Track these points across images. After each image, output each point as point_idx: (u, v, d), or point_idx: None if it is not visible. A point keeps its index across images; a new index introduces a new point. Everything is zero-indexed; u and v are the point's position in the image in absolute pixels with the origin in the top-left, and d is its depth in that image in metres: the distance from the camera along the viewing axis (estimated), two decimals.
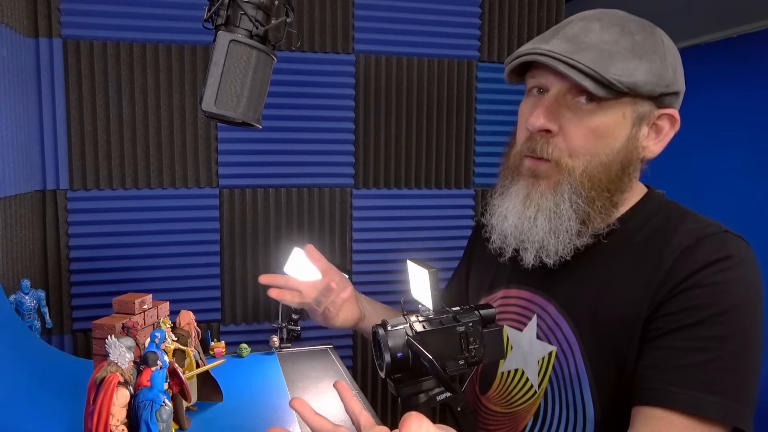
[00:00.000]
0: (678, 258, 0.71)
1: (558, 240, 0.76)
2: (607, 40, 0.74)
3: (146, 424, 0.87)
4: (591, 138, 0.75)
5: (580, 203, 0.75)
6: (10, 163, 1.35)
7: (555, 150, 0.76)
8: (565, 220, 0.76)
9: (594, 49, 0.73)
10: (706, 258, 0.70)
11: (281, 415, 1.11)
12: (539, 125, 0.75)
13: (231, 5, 0.88)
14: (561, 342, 0.81)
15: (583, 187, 0.75)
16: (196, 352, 1.16)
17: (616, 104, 0.74)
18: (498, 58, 1.90)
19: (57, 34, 1.54)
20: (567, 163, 0.75)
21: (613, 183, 0.76)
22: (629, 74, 0.72)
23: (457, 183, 1.89)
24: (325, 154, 1.78)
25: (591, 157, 0.75)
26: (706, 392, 0.65)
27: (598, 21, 0.77)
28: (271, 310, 1.77)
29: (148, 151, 1.63)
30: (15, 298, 1.23)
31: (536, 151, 0.77)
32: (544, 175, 0.77)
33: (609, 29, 0.75)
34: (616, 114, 0.75)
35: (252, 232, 1.74)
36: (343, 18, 1.75)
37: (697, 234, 0.72)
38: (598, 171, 0.75)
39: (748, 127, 2.22)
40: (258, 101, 0.93)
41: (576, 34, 0.75)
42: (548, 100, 0.76)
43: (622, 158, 0.76)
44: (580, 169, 0.75)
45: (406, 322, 0.76)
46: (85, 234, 1.61)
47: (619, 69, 0.72)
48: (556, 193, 0.76)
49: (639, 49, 0.74)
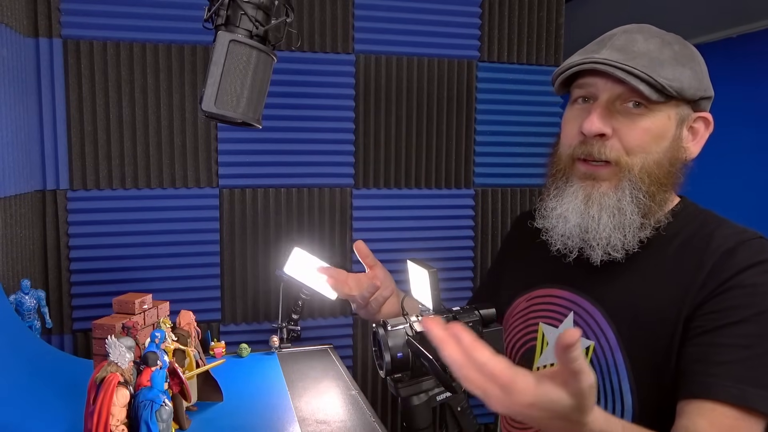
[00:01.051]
0: (718, 260, 0.77)
1: (624, 234, 0.81)
2: (652, 49, 0.80)
3: (146, 424, 0.87)
4: (645, 137, 0.80)
5: (641, 197, 0.80)
6: (10, 163, 1.35)
7: (612, 151, 0.81)
8: (627, 215, 0.80)
9: (645, 56, 0.79)
10: (746, 261, 0.75)
11: (281, 415, 1.11)
12: (596, 129, 0.80)
13: (231, 5, 0.88)
14: (599, 337, 0.84)
15: (642, 183, 0.80)
16: (196, 352, 1.16)
17: (663, 107, 0.80)
18: (498, 58, 1.90)
19: (57, 34, 1.54)
20: (626, 161, 0.81)
21: (666, 178, 0.82)
22: (677, 79, 0.79)
23: (457, 183, 1.89)
24: (325, 154, 1.78)
25: (646, 155, 0.81)
26: (753, 386, 0.70)
27: (640, 33, 0.83)
28: (271, 310, 1.77)
29: (148, 151, 1.63)
30: (15, 298, 1.23)
31: (593, 154, 0.81)
32: (604, 178, 0.82)
33: (651, 40, 0.82)
34: (663, 116, 0.81)
35: (252, 232, 1.74)
36: (343, 18, 1.75)
37: (736, 239, 0.78)
38: (654, 167, 0.81)
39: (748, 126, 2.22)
40: (258, 101, 0.93)
41: (624, 45, 0.81)
42: (600, 106, 0.81)
43: (670, 157, 0.82)
44: (638, 166, 0.80)
45: (406, 322, 0.76)
46: (85, 234, 1.61)
47: (668, 74, 0.78)
48: (618, 191, 0.81)
49: (680, 57, 0.81)
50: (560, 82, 0.87)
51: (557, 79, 0.87)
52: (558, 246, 0.86)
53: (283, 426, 1.07)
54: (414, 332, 0.74)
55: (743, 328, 0.72)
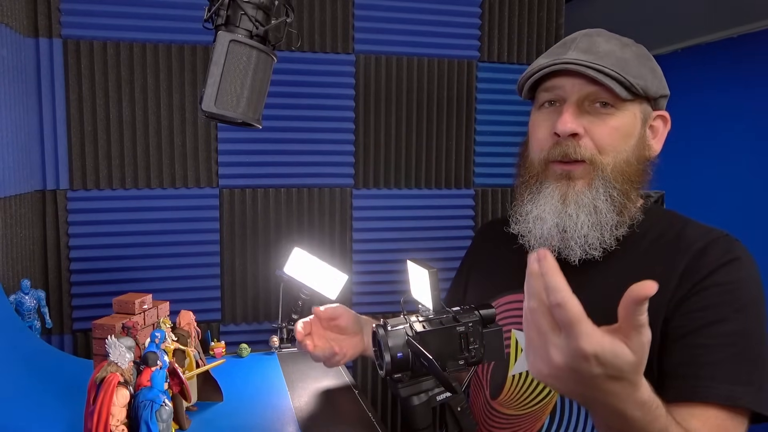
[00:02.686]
0: (691, 260, 0.78)
1: (602, 233, 0.82)
2: (615, 49, 0.82)
3: (146, 424, 0.87)
4: (615, 136, 0.82)
5: (615, 195, 0.81)
6: (10, 163, 1.35)
7: (586, 150, 0.82)
8: (604, 213, 0.81)
9: (611, 56, 0.80)
10: (719, 260, 0.76)
11: (281, 415, 1.11)
12: (569, 129, 0.81)
13: (231, 5, 0.88)
14: None
15: (616, 181, 0.82)
16: (196, 352, 1.16)
17: (629, 106, 0.82)
18: (498, 58, 1.90)
19: (57, 34, 1.54)
20: (600, 160, 0.82)
21: (636, 176, 0.84)
22: (642, 78, 0.80)
23: (457, 183, 1.89)
24: (325, 154, 1.78)
25: (617, 154, 0.82)
26: (739, 384, 0.71)
27: (599, 36, 0.84)
28: (271, 310, 1.77)
29: (148, 151, 1.63)
30: (15, 298, 1.23)
31: (569, 154, 0.82)
32: (579, 176, 0.83)
33: (611, 41, 0.83)
34: (630, 115, 0.82)
35: (252, 232, 1.74)
36: (343, 18, 1.75)
37: (705, 238, 0.79)
38: (625, 165, 0.82)
39: (748, 126, 2.22)
40: (258, 101, 0.93)
41: (588, 47, 0.82)
42: (571, 106, 0.82)
43: (638, 155, 0.84)
44: (611, 164, 0.82)
45: (406, 322, 0.76)
46: (85, 234, 1.61)
47: (634, 73, 0.80)
48: (592, 189, 0.82)
49: (640, 57, 0.83)
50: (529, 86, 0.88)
51: (526, 83, 0.88)
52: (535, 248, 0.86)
53: (283, 426, 1.07)
54: (414, 332, 0.74)
55: (725, 326, 0.73)
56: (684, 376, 0.73)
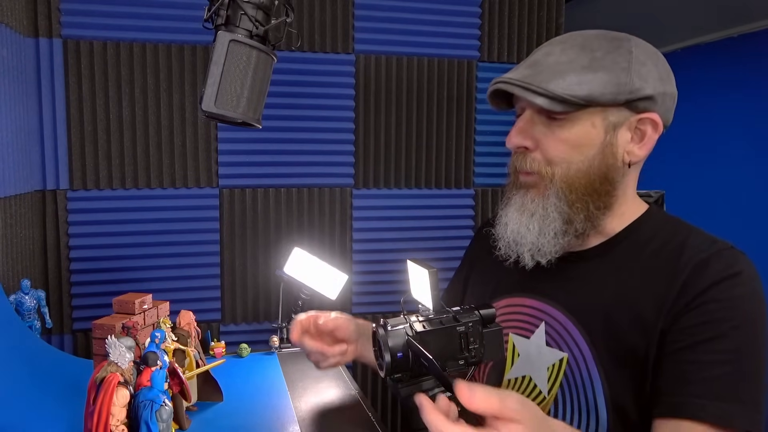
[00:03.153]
0: (692, 272, 0.76)
1: (546, 239, 0.83)
2: (563, 60, 0.81)
3: (146, 424, 0.87)
4: (564, 148, 0.82)
5: (561, 206, 0.82)
6: (10, 163, 1.35)
7: (533, 162, 0.84)
8: (550, 221, 0.83)
9: (548, 69, 0.80)
10: (720, 273, 0.75)
11: (281, 415, 1.11)
12: (512, 144, 0.85)
13: (231, 5, 0.88)
14: (572, 348, 0.83)
15: (563, 192, 0.82)
16: (196, 352, 1.16)
17: (582, 115, 0.80)
18: (498, 58, 1.90)
19: (57, 34, 1.54)
20: (546, 171, 0.83)
21: (592, 187, 0.82)
22: (582, 87, 0.78)
23: (457, 183, 1.89)
24: (325, 154, 1.78)
25: (567, 165, 0.82)
26: (731, 402, 0.70)
27: (561, 44, 0.84)
28: (271, 310, 1.77)
29: (148, 151, 1.63)
30: (15, 298, 1.23)
31: (519, 166, 0.86)
32: (532, 185, 0.85)
33: (568, 51, 0.82)
34: (584, 124, 0.81)
35: (252, 232, 1.74)
36: (343, 18, 1.75)
37: (709, 250, 0.78)
38: (577, 177, 0.82)
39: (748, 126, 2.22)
40: (258, 101, 0.93)
41: (538, 59, 0.83)
42: (522, 121, 0.85)
43: (599, 164, 0.82)
44: (558, 175, 0.82)
45: (406, 322, 0.76)
46: (85, 234, 1.61)
47: (570, 84, 0.78)
48: (544, 199, 0.84)
49: (596, 63, 0.79)
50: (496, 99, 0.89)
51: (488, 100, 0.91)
52: (502, 252, 0.89)
53: (283, 426, 1.07)
54: (414, 332, 0.74)
55: (720, 343, 0.72)
56: (675, 393, 0.72)
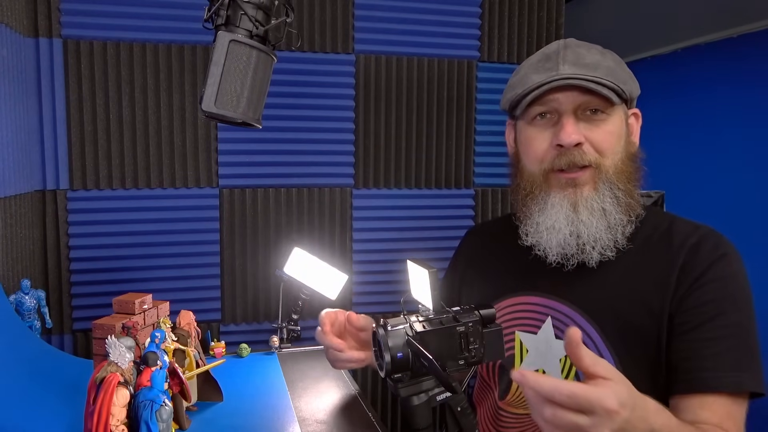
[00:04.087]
0: (687, 257, 0.83)
1: (614, 234, 0.86)
2: (599, 59, 0.86)
3: (146, 424, 0.87)
4: (611, 139, 0.86)
5: (621, 196, 0.86)
6: (10, 163, 1.35)
7: (591, 155, 0.86)
8: (613, 214, 0.85)
9: (600, 66, 0.85)
10: (712, 255, 0.82)
11: (281, 415, 1.11)
12: (575, 139, 0.85)
13: (231, 5, 0.88)
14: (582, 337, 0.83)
15: (619, 181, 0.86)
16: (196, 352, 1.16)
17: (616, 110, 0.87)
18: (498, 58, 1.90)
19: (57, 34, 1.54)
20: (602, 163, 0.86)
21: (635, 173, 0.89)
22: (626, 83, 0.86)
23: (457, 183, 1.89)
24: (325, 154, 1.78)
25: (614, 155, 0.87)
26: (741, 371, 0.77)
27: (579, 47, 0.89)
28: (271, 310, 1.77)
29: (148, 151, 1.63)
30: (15, 298, 1.23)
31: (575, 162, 0.86)
32: (584, 182, 0.87)
33: (592, 51, 0.88)
34: (618, 118, 0.88)
35: (252, 232, 1.74)
36: (343, 18, 1.75)
37: (695, 233, 0.85)
38: (623, 166, 0.87)
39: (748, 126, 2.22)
40: (258, 101, 0.93)
41: (576, 59, 0.87)
42: (569, 118, 0.86)
43: (629, 153, 0.89)
44: (612, 166, 0.86)
45: (406, 322, 0.76)
46: (85, 234, 1.61)
47: (622, 79, 0.85)
48: (598, 193, 0.86)
49: (618, 63, 0.88)
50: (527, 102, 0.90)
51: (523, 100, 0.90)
52: (554, 257, 0.89)
53: (283, 426, 1.07)
54: (414, 332, 0.74)
55: (723, 319, 0.79)
56: (691, 369, 0.78)
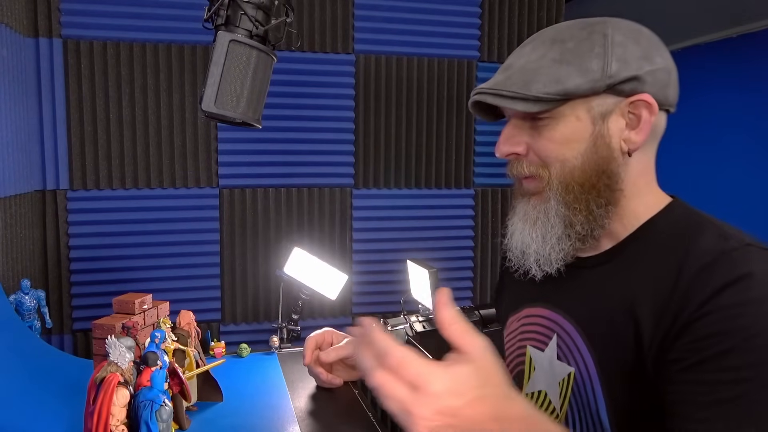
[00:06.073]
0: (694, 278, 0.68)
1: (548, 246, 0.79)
2: (533, 59, 0.78)
3: (146, 424, 0.87)
4: (554, 147, 0.78)
5: (560, 208, 0.78)
6: (10, 163, 1.35)
7: (530, 166, 0.80)
8: (551, 226, 0.79)
9: (519, 71, 0.78)
10: (725, 278, 0.66)
11: (281, 415, 1.11)
12: (503, 151, 0.81)
13: (231, 5, 0.88)
14: (579, 363, 0.80)
15: (560, 193, 0.78)
16: (196, 352, 1.16)
17: (565, 110, 0.76)
18: (498, 58, 1.90)
19: (57, 34, 1.54)
20: (543, 173, 0.79)
21: (590, 183, 0.77)
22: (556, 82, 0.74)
23: (457, 183, 1.89)
24: (325, 154, 1.78)
25: (561, 164, 0.78)
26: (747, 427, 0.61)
27: (531, 42, 0.81)
28: (271, 310, 1.77)
29: (148, 151, 1.63)
30: (15, 298, 1.23)
31: (519, 173, 0.81)
32: (532, 192, 0.81)
33: (539, 48, 0.79)
34: (569, 119, 0.76)
35: (252, 232, 1.74)
36: (343, 18, 1.75)
37: (715, 250, 0.69)
38: (572, 175, 0.78)
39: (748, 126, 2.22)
40: (258, 101, 0.93)
41: (509, 63, 0.81)
42: (508, 128, 0.82)
43: (594, 158, 0.77)
44: (555, 176, 0.78)
45: (406, 322, 0.76)
46: (85, 234, 1.61)
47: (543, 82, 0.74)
48: (545, 203, 0.80)
49: (568, 54, 0.76)
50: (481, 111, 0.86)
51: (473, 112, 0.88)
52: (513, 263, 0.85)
53: (283, 426, 1.07)
54: (414, 332, 0.75)
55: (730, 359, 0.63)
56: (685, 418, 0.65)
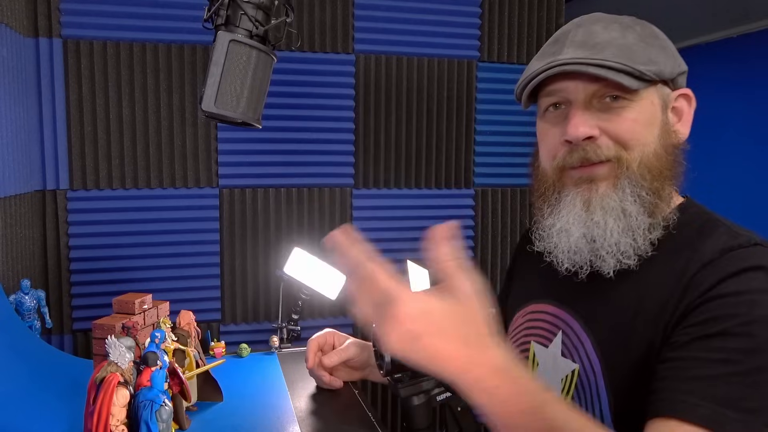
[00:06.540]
0: (699, 272, 0.67)
1: (634, 238, 0.73)
2: (616, 36, 0.73)
3: (146, 424, 0.87)
4: (636, 129, 0.73)
5: (644, 195, 0.73)
6: (10, 163, 1.35)
7: (609, 149, 0.73)
8: (634, 216, 0.72)
9: (611, 45, 0.71)
10: (730, 268, 0.65)
11: (281, 415, 1.11)
12: (581, 133, 0.73)
13: (231, 5, 0.88)
14: (583, 360, 0.78)
15: (644, 179, 0.73)
16: (196, 352, 1.16)
17: (643, 94, 0.73)
18: (498, 58, 1.90)
19: (57, 34, 1.54)
20: (626, 156, 0.73)
21: (667, 169, 0.74)
22: (652, 62, 0.71)
23: (457, 183, 1.89)
24: (325, 154, 1.78)
25: (643, 147, 0.73)
26: (730, 408, 0.58)
27: (597, 23, 0.76)
28: (271, 310, 1.77)
29: (148, 151, 1.63)
30: (15, 298, 1.23)
31: (589, 158, 0.74)
32: (602, 178, 0.74)
33: (610, 27, 0.74)
34: (647, 103, 0.74)
35: (252, 232, 1.74)
36: (343, 18, 1.75)
37: (724, 247, 0.68)
38: (653, 159, 0.74)
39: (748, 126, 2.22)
40: (258, 101, 0.93)
41: (585, 39, 0.74)
42: (578, 109, 0.74)
43: (665, 144, 0.75)
44: (637, 160, 0.73)
45: None
46: (85, 234, 1.61)
47: (642, 59, 0.71)
48: (618, 191, 0.73)
49: (646, 38, 0.74)
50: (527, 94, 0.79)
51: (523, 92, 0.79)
52: (566, 264, 0.77)
53: (283, 426, 1.07)
54: None
55: (724, 341, 0.61)
56: (664, 389, 0.62)
